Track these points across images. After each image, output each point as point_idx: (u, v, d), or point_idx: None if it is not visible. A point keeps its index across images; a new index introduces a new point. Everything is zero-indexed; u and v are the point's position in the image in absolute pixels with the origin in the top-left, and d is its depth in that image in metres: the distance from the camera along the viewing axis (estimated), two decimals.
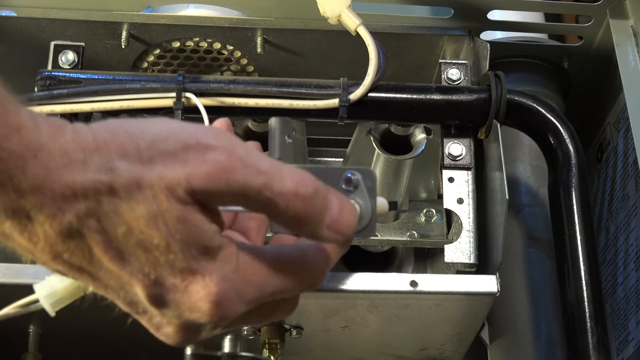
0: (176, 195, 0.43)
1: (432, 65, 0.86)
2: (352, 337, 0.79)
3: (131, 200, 0.43)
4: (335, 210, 0.47)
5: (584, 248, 0.73)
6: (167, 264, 0.44)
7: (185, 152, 0.43)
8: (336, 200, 0.47)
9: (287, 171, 0.45)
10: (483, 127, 0.76)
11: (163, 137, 0.44)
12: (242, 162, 0.44)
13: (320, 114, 0.73)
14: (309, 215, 0.46)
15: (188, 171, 0.43)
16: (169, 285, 0.45)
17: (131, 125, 0.44)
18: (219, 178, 0.43)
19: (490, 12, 0.85)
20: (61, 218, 0.42)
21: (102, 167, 0.43)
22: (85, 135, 0.43)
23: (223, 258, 0.45)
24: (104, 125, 0.44)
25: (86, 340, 0.79)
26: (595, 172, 0.95)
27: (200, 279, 0.45)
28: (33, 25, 0.81)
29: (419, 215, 0.84)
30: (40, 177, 0.41)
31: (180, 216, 0.43)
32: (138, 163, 0.43)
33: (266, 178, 0.44)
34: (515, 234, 0.87)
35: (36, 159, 0.41)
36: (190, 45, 0.83)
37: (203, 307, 0.45)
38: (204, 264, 0.45)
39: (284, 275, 0.48)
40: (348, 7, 0.74)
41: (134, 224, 0.43)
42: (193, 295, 0.45)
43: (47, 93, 0.71)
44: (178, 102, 0.71)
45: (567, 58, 0.92)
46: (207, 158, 0.43)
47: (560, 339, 0.82)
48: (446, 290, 0.71)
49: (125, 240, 0.43)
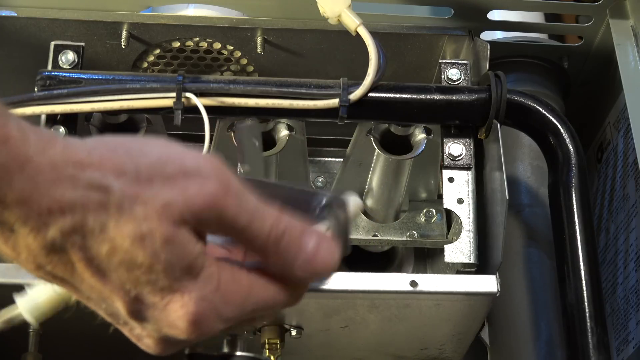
0: (169, 217, 0.44)
1: (432, 65, 0.86)
2: (352, 337, 0.79)
3: (120, 218, 0.43)
4: (310, 251, 0.48)
5: (584, 248, 0.73)
6: (149, 282, 0.44)
7: (184, 179, 0.44)
8: (313, 240, 0.48)
9: (266, 212, 0.46)
10: (483, 127, 0.76)
11: (164, 160, 0.44)
12: (235, 198, 0.45)
13: (320, 114, 0.73)
14: (279, 256, 0.47)
15: (186, 196, 0.44)
16: (148, 303, 0.45)
17: (132, 145, 0.45)
18: (213, 209, 0.44)
19: (490, 12, 0.85)
20: (45, 233, 0.42)
21: (94, 184, 0.43)
22: (78, 150, 0.43)
23: (204, 278, 0.46)
24: (102, 142, 0.45)
25: (86, 340, 0.79)
26: (595, 172, 0.95)
27: (179, 299, 0.45)
28: (33, 25, 0.81)
29: (419, 215, 0.84)
30: (26, 191, 0.41)
31: (169, 237, 0.44)
32: (135, 182, 0.43)
33: (250, 217, 0.46)
34: (515, 234, 0.87)
35: (23, 172, 0.41)
36: (190, 45, 0.83)
37: (181, 326, 0.46)
38: (185, 283, 0.45)
39: (264, 295, 0.48)
40: (348, 7, 0.74)
41: (119, 242, 0.43)
42: (171, 313, 0.45)
43: (47, 93, 0.71)
44: (178, 102, 0.71)
45: (567, 58, 0.92)
46: (205, 188, 0.44)
47: (560, 339, 0.82)
48: (446, 290, 0.71)
49: (108, 259, 0.43)
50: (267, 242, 0.47)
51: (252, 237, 0.46)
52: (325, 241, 0.49)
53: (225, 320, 0.47)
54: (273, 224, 0.47)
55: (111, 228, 0.43)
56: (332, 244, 0.49)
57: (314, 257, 0.48)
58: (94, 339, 0.79)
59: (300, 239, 0.48)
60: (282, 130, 0.78)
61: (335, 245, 0.49)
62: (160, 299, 0.45)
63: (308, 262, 0.48)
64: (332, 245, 0.49)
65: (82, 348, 0.81)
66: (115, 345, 0.80)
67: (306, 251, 0.48)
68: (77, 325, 0.75)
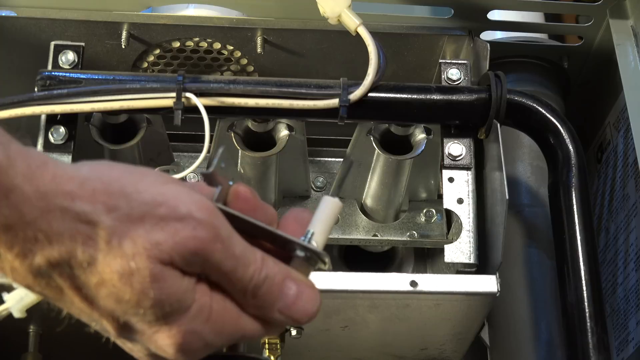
0: (157, 256, 0.44)
1: (432, 65, 0.86)
2: (352, 337, 0.79)
3: (109, 254, 0.43)
4: (291, 297, 0.49)
5: (584, 248, 0.73)
6: (137, 315, 0.45)
7: (176, 222, 0.44)
8: (294, 286, 0.49)
9: (251, 257, 0.47)
10: (483, 127, 0.76)
11: (158, 202, 0.44)
12: (222, 244, 0.46)
13: (320, 114, 0.73)
14: (257, 301, 0.48)
15: (175, 239, 0.44)
16: (137, 329, 0.46)
17: (127, 181, 0.45)
18: (201, 254, 0.45)
19: (490, 12, 0.85)
20: (31, 260, 0.42)
21: (85, 217, 0.42)
22: (70, 179, 0.43)
23: (194, 312, 0.46)
24: (97, 173, 0.44)
25: (86, 340, 0.79)
26: (595, 172, 0.95)
27: (167, 330, 0.45)
28: (33, 25, 0.81)
29: (419, 215, 0.84)
30: (11, 218, 0.41)
31: (157, 275, 0.44)
32: (126, 220, 0.43)
33: (235, 264, 0.46)
34: (515, 234, 0.87)
35: (8, 200, 0.41)
36: (190, 45, 0.83)
37: (168, 352, 0.46)
38: (174, 317, 0.45)
39: (251, 327, 0.49)
40: (348, 7, 0.74)
41: (108, 277, 0.43)
42: (159, 341, 0.46)
43: (47, 93, 0.71)
44: (178, 102, 0.71)
45: (567, 58, 0.92)
46: (195, 233, 0.44)
47: (560, 339, 0.82)
48: (446, 290, 0.71)
49: (97, 290, 0.44)
50: (247, 288, 0.47)
51: (234, 282, 0.47)
52: (307, 289, 0.50)
53: (213, 347, 0.48)
54: (255, 270, 0.47)
55: (100, 262, 0.43)
56: (314, 292, 0.50)
57: (294, 303, 0.49)
58: (94, 339, 0.79)
59: (282, 285, 0.49)
60: (282, 130, 0.78)
61: (316, 293, 0.50)
62: (148, 328, 0.45)
63: (287, 308, 0.49)
64: (314, 293, 0.50)
65: (82, 348, 0.81)
66: (115, 345, 0.80)
67: (287, 297, 0.49)
68: (77, 325, 0.75)
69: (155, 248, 0.44)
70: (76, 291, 0.44)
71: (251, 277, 0.47)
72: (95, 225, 0.43)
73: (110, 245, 0.43)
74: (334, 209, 0.51)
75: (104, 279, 0.43)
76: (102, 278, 0.43)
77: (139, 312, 0.44)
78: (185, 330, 0.46)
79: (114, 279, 0.43)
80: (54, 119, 0.74)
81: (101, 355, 0.83)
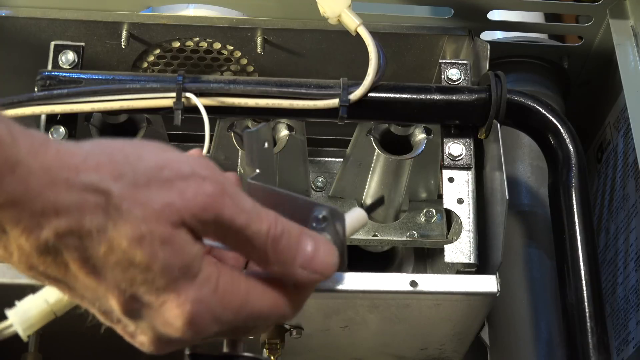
0: (167, 218, 0.44)
1: (432, 65, 0.86)
2: (352, 337, 0.79)
3: (119, 220, 0.43)
4: (309, 251, 0.49)
5: (584, 248, 0.73)
6: (145, 282, 0.44)
7: (181, 181, 0.45)
8: (310, 241, 0.49)
9: (263, 213, 0.47)
10: (483, 127, 0.76)
11: (161, 165, 0.45)
12: (231, 199, 0.46)
13: (320, 114, 0.73)
14: (279, 255, 0.48)
15: (183, 198, 0.44)
16: (144, 302, 0.45)
17: (129, 150, 0.45)
18: (211, 210, 0.45)
19: (490, 12, 0.85)
20: (38, 234, 0.42)
21: (91, 187, 0.43)
22: (73, 155, 0.43)
23: (202, 280, 0.46)
24: (99, 147, 0.45)
25: (86, 340, 0.79)
26: (595, 172, 0.95)
27: (175, 298, 0.45)
28: (33, 25, 0.81)
29: (419, 215, 0.84)
30: (17, 192, 0.41)
31: (167, 237, 0.44)
32: (133, 186, 0.44)
33: (247, 218, 0.46)
34: (515, 234, 0.87)
35: (14, 174, 0.41)
36: (190, 45, 0.83)
37: (176, 324, 0.46)
38: (183, 283, 0.45)
39: (261, 302, 0.49)
40: (348, 7, 0.74)
41: (117, 243, 0.43)
42: (167, 312, 0.46)
43: (47, 93, 0.71)
44: (178, 102, 0.71)
45: (567, 58, 0.92)
46: (202, 190, 0.45)
47: (560, 339, 0.82)
48: (446, 290, 0.71)
49: (105, 259, 0.44)
50: (266, 242, 0.47)
51: (251, 237, 0.47)
52: (323, 243, 0.49)
53: (221, 323, 0.47)
54: (271, 224, 0.47)
55: (109, 229, 0.43)
56: (330, 246, 0.50)
57: (314, 256, 0.49)
58: (94, 339, 0.79)
59: (299, 239, 0.48)
60: (282, 130, 0.78)
61: (333, 247, 0.50)
62: (155, 298, 0.45)
63: (308, 262, 0.48)
64: (330, 247, 0.50)
65: (83, 348, 0.81)
66: (116, 345, 0.80)
67: (306, 251, 0.48)
68: (77, 325, 0.75)
69: (164, 210, 0.44)
70: (82, 264, 0.43)
71: (267, 231, 0.47)
72: (103, 193, 0.43)
73: (120, 212, 0.43)
74: (359, 222, 0.52)
75: (112, 247, 0.43)
76: (111, 246, 0.43)
77: (148, 277, 0.44)
78: (193, 299, 0.45)
79: (123, 244, 0.43)
80: (54, 119, 0.74)
81: (102, 356, 0.83)
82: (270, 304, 0.49)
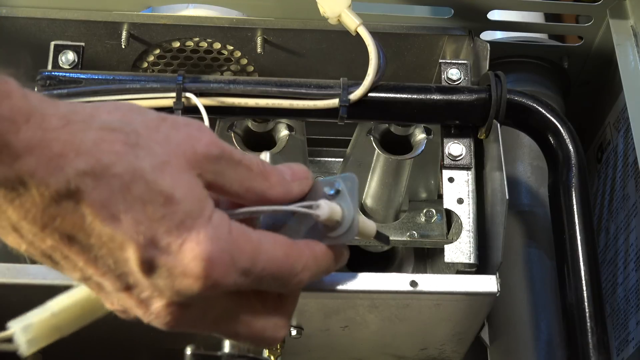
0: (184, 153, 0.46)
1: (432, 65, 0.86)
2: (352, 337, 0.79)
3: (140, 152, 0.44)
4: (291, 168, 0.54)
5: (584, 248, 0.73)
6: (164, 219, 0.45)
7: (185, 127, 0.48)
8: (285, 167, 0.53)
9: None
10: (483, 127, 0.76)
11: (162, 116, 0.48)
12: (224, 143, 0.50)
13: (320, 114, 0.73)
14: (277, 175, 0.52)
15: (193, 137, 0.47)
16: (163, 246, 0.45)
17: (130, 105, 0.48)
18: (216, 146, 0.49)
19: (490, 12, 0.85)
20: (58, 176, 0.42)
21: (107, 126, 0.44)
22: (84, 106, 0.45)
23: (217, 221, 0.47)
24: (102, 103, 0.47)
25: (86, 340, 0.79)
26: (595, 172, 0.95)
27: (195, 236, 0.45)
28: (33, 25, 0.81)
29: (419, 215, 0.84)
30: (35, 139, 0.42)
31: (186, 171, 0.46)
32: (145, 127, 0.46)
33: (240, 152, 0.50)
34: (515, 234, 0.87)
35: (29, 123, 0.42)
36: (190, 45, 0.83)
37: (196, 269, 0.45)
38: (200, 223, 0.46)
39: (273, 252, 0.49)
40: (348, 7, 0.74)
41: (139, 174, 0.44)
42: (187, 254, 0.45)
43: (47, 93, 0.71)
44: (178, 102, 0.71)
45: (567, 58, 0.92)
46: (204, 132, 0.49)
47: (560, 339, 0.82)
48: (446, 290, 0.71)
49: (123, 195, 0.44)
50: (262, 168, 0.50)
51: (249, 166, 0.50)
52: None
53: (239, 270, 0.47)
54: (258, 162, 0.51)
55: (131, 160, 0.44)
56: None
57: (296, 169, 0.53)
58: (94, 339, 0.79)
59: (279, 168, 0.53)
60: (282, 130, 0.78)
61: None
62: (175, 238, 0.45)
63: (295, 174, 0.53)
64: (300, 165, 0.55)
65: (82, 348, 0.81)
66: (115, 345, 0.80)
67: (289, 168, 0.53)
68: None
69: (181, 145, 0.46)
70: (99, 209, 0.43)
71: (259, 163, 0.51)
72: (120, 131, 0.44)
73: (140, 146, 0.44)
74: (367, 232, 0.56)
75: (134, 178, 0.44)
76: (133, 176, 0.44)
77: (167, 213, 0.45)
78: (212, 236, 0.46)
79: (147, 173, 0.44)
80: None
81: (101, 356, 0.83)
82: (284, 253, 0.50)
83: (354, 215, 0.53)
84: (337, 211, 0.52)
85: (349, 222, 0.53)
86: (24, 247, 0.45)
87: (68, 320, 0.51)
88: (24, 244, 0.45)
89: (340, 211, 0.53)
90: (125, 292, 0.47)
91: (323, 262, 0.53)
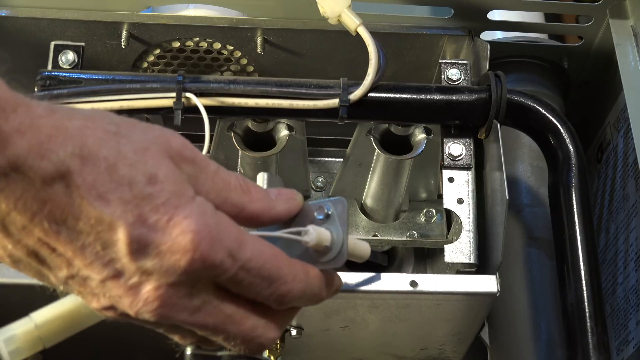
0: (160, 145, 0.47)
1: (432, 65, 0.86)
2: (352, 337, 0.79)
3: (121, 138, 0.46)
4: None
5: (584, 248, 0.73)
6: (150, 197, 0.46)
7: (158, 129, 0.49)
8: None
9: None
10: (483, 127, 0.76)
11: (133, 120, 0.49)
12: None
13: (320, 114, 0.73)
14: (256, 190, 0.52)
15: (168, 137, 0.48)
16: (151, 223, 0.45)
17: (100, 112, 0.49)
18: (189, 150, 0.49)
19: (490, 12, 0.85)
20: (50, 157, 0.43)
21: (92, 116, 0.46)
22: (64, 105, 0.47)
23: (201, 200, 0.48)
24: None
25: (86, 340, 0.79)
26: (595, 172, 0.95)
27: (182, 212, 0.46)
28: (33, 25, 0.81)
29: (419, 215, 0.84)
30: (25, 123, 0.43)
31: (165, 157, 0.47)
32: (124, 122, 0.48)
33: (215, 164, 0.51)
34: (515, 234, 0.87)
35: (17, 112, 0.43)
36: (190, 45, 0.83)
37: (183, 241, 0.46)
38: (185, 200, 0.47)
39: (259, 247, 0.49)
40: (348, 7, 0.74)
41: (123, 156, 0.45)
42: (175, 229, 0.46)
43: (47, 93, 0.71)
44: (178, 102, 0.71)
45: (567, 58, 0.92)
46: (176, 135, 0.49)
47: (560, 339, 0.82)
48: (446, 290, 0.71)
49: (110, 176, 0.45)
50: (243, 181, 0.51)
51: (227, 178, 0.50)
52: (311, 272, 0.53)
53: (224, 247, 0.47)
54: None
55: (115, 144, 0.46)
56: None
57: (280, 192, 0.53)
58: (94, 339, 0.79)
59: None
60: (282, 130, 0.78)
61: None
62: (162, 215, 0.46)
63: (281, 193, 0.53)
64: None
65: (82, 348, 0.81)
66: (115, 345, 0.80)
67: (277, 189, 0.53)
68: None
69: (158, 138, 0.48)
70: (88, 190, 0.44)
71: (238, 177, 0.51)
72: (101, 120, 0.46)
73: (121, 134, 0.46)
74: (361, 253, 0.55)
75: (117, 161, 0.45)
76: (116, 160, 0.45)
77: (154, 191, 0.46)
78: (199, 211, 0.46)
79: (130, 155, 0.46)
80: None
81: (101, 356, 0.83)
82: (272, 253, 0.50)
83: (343, 240, 0.52)
84: (325, 236, 0.51)
85: (339, 247, 0.52)
86: (10, 247, 0.45)
87: (51, 332, 0.51)
88: (9, 243, 0.45)
89: (329, 236, 0.52)
90: (113, 279, 0.46)
91: (314, 282, 0.52)
